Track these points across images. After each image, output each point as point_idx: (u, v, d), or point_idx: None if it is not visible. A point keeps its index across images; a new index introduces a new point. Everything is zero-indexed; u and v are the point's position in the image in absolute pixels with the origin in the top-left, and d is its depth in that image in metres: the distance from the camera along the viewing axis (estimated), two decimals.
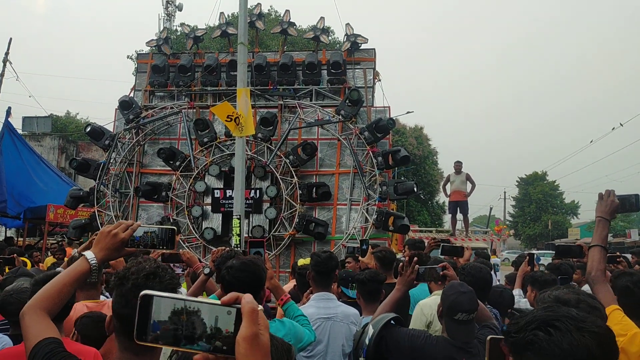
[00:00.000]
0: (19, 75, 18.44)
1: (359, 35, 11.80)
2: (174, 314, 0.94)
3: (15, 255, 7.22)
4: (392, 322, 2.92)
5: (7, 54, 17.36)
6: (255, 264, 2.77)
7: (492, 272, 4.85)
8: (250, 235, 10.53)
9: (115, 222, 1.96)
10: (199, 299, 0.96)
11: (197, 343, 0.94)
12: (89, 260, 1.84)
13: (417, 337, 2.94)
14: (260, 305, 0.97)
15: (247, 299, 0.96)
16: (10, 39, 17.10)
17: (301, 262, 7.11)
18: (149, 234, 1.91)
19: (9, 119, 14.82)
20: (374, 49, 12.11)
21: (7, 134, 14.29)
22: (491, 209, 32.39)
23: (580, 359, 1.19)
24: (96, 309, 3.14)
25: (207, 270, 3.86)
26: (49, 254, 10.53)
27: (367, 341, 2.82)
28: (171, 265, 4.36)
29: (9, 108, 15.00)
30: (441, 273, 3.50)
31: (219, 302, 0.96)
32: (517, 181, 61.05)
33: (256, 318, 0.94)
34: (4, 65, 16.82)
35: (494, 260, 11.08)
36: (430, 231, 17.39)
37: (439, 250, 5.42)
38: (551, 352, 1.21)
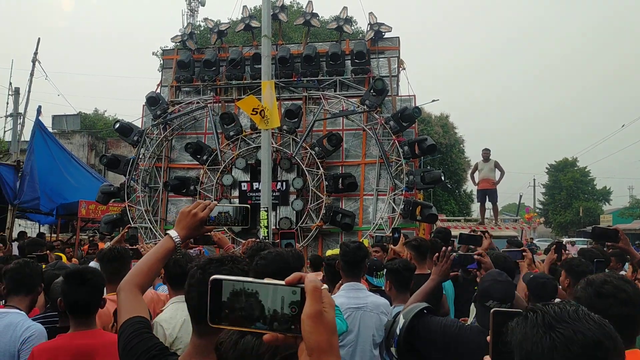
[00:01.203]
0: (47, 74, 18.81)
1: (383, 24, 11.70)
2: (234, 294, 0.97)
3: (48, 251, 7.38)
4: (424, 311, 2.91)
5: (35, 53, 17.69)
6: (288, 255, 2.79)
7: None
8: (277, 227, 10.61)
9: (193, 203, 2.08)
10: (265, 280, 0.99)
11: (256, 324, 0.96)
12: (174, 239, 1.97)
13: (449, 326, 2.92)
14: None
15: (310, 277, 0.98)
16: (39, 39, 17.40)
17: (329, 252, 7.14)
18: (223, 214, 2.03)
19: (40, 118, 15.13)
20: (398, 37, 12.00)
21: (38, 132, 14.59)
22: (521, 196, 31.79)
23: (528, 351, 1.19)
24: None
25: None
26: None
27: (397, 331, 2.82)
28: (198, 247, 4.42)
29: (39, 107, 15.27)
30: (476, 258, 3.48)
31: (283, 283, 0.98)
32: (546, 168, 59.82)
33: (320, 296, 0.95)
34: (33, 65, 17.15)
35: None
36: (459, 220, 17.23)
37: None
38: (512, 339, 1.24)
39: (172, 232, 1.98)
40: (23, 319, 3.16)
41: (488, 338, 1.38)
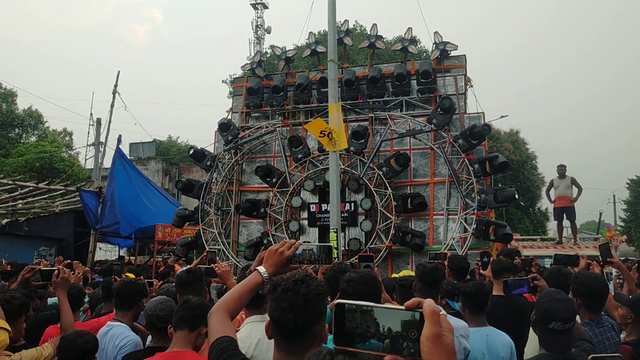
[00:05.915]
0: (126, 105, 19.86)
1: (448, 43, 11.61)
2: (349, 312, 1.03)
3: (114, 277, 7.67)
4: None
5: (115, 86, 18.72)
6: (374, 277, 2.84)
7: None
8: (347, 248, 10.62)
9: (281, 241, 2.22)
10: (385, 305, 1.04)
11: (371, 341, 1.01)
12: (262, 274, 2.09)
13: None
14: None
15: (428, 302, 1.02)
16: (119, 72, 18.36)
17: (402, 273, 7.05)
18: (307, 252, 2.15)
19: (119, 146, 15.93)
20: (464, 55, 11.86)
21: (118, 160, 15.38)
22: (601, 213, 30.03)
23: None
24: None
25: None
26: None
27: None
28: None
29: (120, 136, 16.13)
30: (532, 284, 3.41)
31: (402, 307, 1.03)
32: (627, 183, 56.53)
33: (438, 319, 1.00)
34: (114, 97, 18.13)
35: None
36: (535, 239, 16.52)
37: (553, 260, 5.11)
38: None
39: (261, 268, 2.10)
40: (124, 331, 3.72)
41: None
